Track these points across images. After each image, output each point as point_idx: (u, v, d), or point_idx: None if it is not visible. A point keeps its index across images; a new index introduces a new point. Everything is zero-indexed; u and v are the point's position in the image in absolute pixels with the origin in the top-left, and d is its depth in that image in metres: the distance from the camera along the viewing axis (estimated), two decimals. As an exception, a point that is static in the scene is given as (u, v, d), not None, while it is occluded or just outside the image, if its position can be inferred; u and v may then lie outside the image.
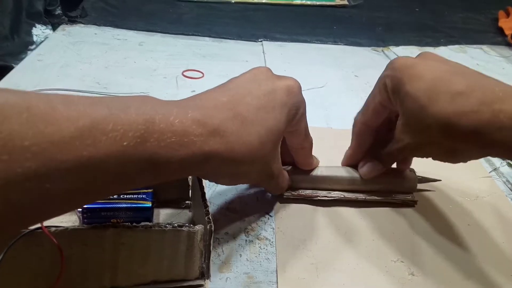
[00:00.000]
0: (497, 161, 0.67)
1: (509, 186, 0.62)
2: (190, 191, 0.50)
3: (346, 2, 1.41)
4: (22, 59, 0.87)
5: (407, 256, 0.48)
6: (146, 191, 0.48)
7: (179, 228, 0.38)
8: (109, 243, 0.38)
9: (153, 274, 0.40)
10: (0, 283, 0.37)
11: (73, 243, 0.37)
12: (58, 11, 1.08)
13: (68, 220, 0.47)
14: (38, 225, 0.36)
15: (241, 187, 0.56)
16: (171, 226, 0.38)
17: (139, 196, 0.47)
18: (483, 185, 0.61)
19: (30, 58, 0.87)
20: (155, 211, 0.49)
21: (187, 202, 0.50)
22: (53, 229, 0.36)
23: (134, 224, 0.38)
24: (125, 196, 0.47)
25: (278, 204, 0.54)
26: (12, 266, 0.37)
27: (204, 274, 0.41)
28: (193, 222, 0.48)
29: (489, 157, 0.68)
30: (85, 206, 0.45)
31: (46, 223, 0.36)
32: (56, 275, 0.36)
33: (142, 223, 0.38)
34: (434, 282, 0.45)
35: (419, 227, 0.52)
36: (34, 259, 0.37)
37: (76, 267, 0.38)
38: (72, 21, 1.07)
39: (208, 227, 0.39)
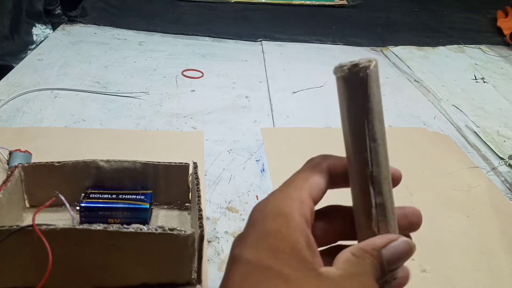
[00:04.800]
0: (495, 160, 0.67)
1: (507, 185, 0.62)
2: (190, 193, 0.50)
3: (345, 2, 1.41)
4: (22, 58, 0.87)
5: (418, 253, 0.49)
6: (145, 192, 0.48)
7: (170, 232, 0.38)
8: (100, 244, 0.38)
9: (143, 277, 0.40)
10: None
11: (63, 242, 0.37)
12: (58, 11, 1.08)
13: (62, 218, 0.47)
14: (30, 222, 0.37)
15: (241, 187, 0.56)
16: (161, 229, 0.38)
17: (137, 196, 0.47)
18: (471, 175, 0.62)
19: (30, 57, 0.88)
20: (155, 212, 0.49)
21: (186, 204, 0.50)
22: (43, 227, 0.36)
23: (125, 226, 0.38)
24: (124, 196, 0.47)
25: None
26: (2, 262, 0.38)
27: (195, 279, 0.41)
28: (191, 224, 0.48)
29: (487, 157, 0.68)
30: (82, 204, 0.45)
31: (38, 221, 0.37)
32: (45, 272, 0.36)
33: (133, 225, 0.38)
34: (445, 277, 0.46)
35: (422, 224, 0.52)
36: (24, 256, 0.38)
37: (66, 266, 0.38)
38: (72, 20, 1.08)
39: (199, 231, 0.39)
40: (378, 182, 0.24)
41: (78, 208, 0.45)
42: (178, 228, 0.38)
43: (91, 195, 0.46)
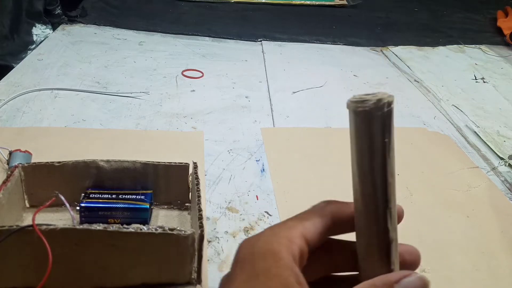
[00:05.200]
0: (495, 160, 0.67)
1: (507, 185, 0.62)
2: (190, 193, 0.50)
3: (345, 2, 1.41)
4: (22, 58, 0.87)
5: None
6: (145, 192, 0.48)
7: (170, 232, 0.38)
8: (100, 244, 0.38)
9: (143, 277, 0.40)
10: None
11: (63, 242, 0.37)
12: (58, 11, 1.08)
13: (62, 218, 0.47)
14: (30, 222, 0.37)
15: (241, 187, 0.56)
16: (161, 229, 0.38)
17: (137, 196, 0.47)
18: (471, 175, 0.62)
19: (30, 57, 0.88)
20: (155, 212, 0.49)
21: (186, 204, 0.50)
22: (43, 227, 0.36)
23: (125, 226, 0.37)
24: (124, 196, 0.47)
25: (278, 203, 0.54)
26: (2, 262, 0.38)
27: (195, 279, 0.41)
28: (191, 224, 0.48)
29: (487, 157, 0.68)
30: (82, 204, 0.45)
31: (38, 221, 0.37)
32: (45, 272, 0.36)
33: (133, 225, 0.38)
34: (445, 277, 0.46)
35: (422, 224, 0.52)
36: (24, 256, 0.38)
37: (66, 266, 0.38)
38: (72, 20, 1.08)
39: (199, 231, 0.39)
40: (394, 218, 0.24)
41: (78, 208, 0.45)
42: (178, 228, 0.38)
43: (91, 195, 0.46)
